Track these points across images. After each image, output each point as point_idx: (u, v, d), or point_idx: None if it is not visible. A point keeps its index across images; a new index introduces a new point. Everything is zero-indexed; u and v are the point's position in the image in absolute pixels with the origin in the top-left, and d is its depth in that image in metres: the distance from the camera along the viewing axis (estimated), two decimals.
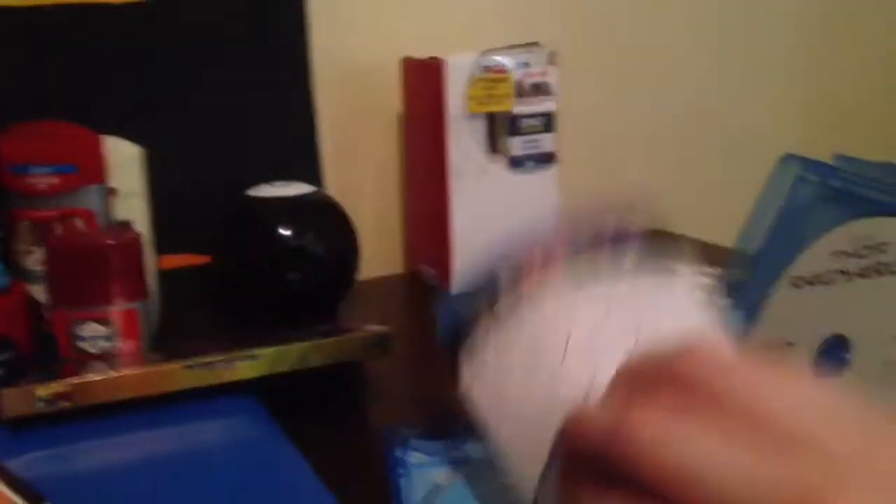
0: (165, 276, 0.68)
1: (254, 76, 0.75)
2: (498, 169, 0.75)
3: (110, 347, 0.54)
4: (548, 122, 0.76)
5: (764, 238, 0.44)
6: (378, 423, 0.50)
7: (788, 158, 0.44)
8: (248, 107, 0.76)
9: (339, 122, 0.83)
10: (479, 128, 0.74)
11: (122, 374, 0.44)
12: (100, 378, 0.44)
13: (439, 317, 0.31)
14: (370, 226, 0.86)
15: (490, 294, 0.29)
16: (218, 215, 0.68)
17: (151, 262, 0.64)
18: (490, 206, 0.76)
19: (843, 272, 0.38)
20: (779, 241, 0.42)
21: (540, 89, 0.75)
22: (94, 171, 0.58)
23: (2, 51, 0.65)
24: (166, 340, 0.62)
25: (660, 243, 0.31)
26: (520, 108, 0.75)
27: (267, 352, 0.47)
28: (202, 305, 0.74)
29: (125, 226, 0.62)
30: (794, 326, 0.40)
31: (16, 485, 0.35)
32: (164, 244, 0.69)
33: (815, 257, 0.40)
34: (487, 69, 0.73)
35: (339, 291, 0.69)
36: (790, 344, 0.39)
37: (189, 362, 0.46)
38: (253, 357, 0.47)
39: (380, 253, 0.87)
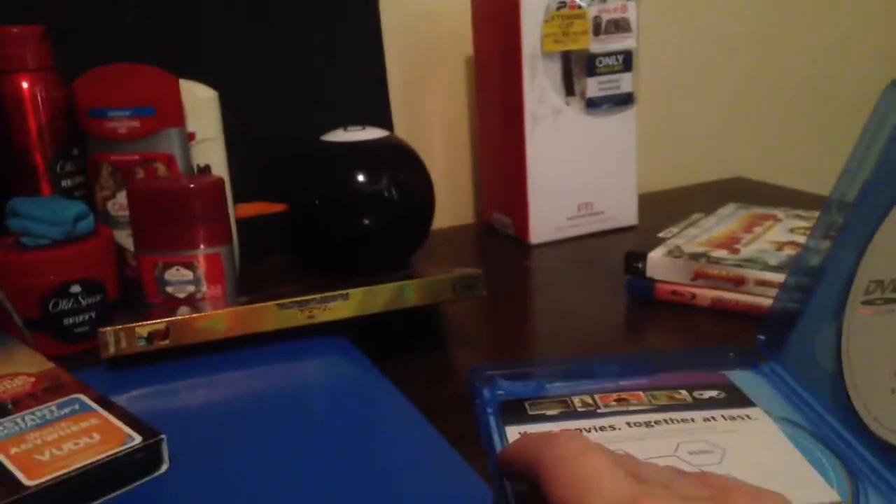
0: (241, 224, 0.68)
1: (322, 20, 0.74)
2: (575, 111, 0.73)
3: (196, 292, 0.54)
4: (626, 62, 0.73)
5: (872, 168, 0.41)
6: (461, 365, 0.50)
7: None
8: (317, 52, 0.74)
9: (408, 65, 0.81)
10: (555, 68, 0.71)
11: (218, 312, 0.43)
12: (197, 316, 0.43)
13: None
14: (440, 173, 0.84)
15: None
16: (291, 162, 0.68)
17: (231, 208, 0.64)
18: (567, 151, 0.73)
19: None
20: (888, 169, 0.39)
21: (618, 26, 0.72)
22: (172, 114, 0.57)
23: None
24: (249, 287, 0.61)
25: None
26: (597, 47, 0.72)
27: (360, 291, 0.46)
28: (277, 254, 0.73)
29: (205, 170, 0.61)
30: None
31: (128, 419, 0.35)
32: (239, 192, 0.68)
33: None
34: (563, 5, 0.70)
35: (415, 239, 0.67)
36: None
37: (282, 301, 0.45)
38: (345, 297, 0.46)
39: (450, 201, 0.85)
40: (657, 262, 0.57)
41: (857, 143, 0.41)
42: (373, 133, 0.66)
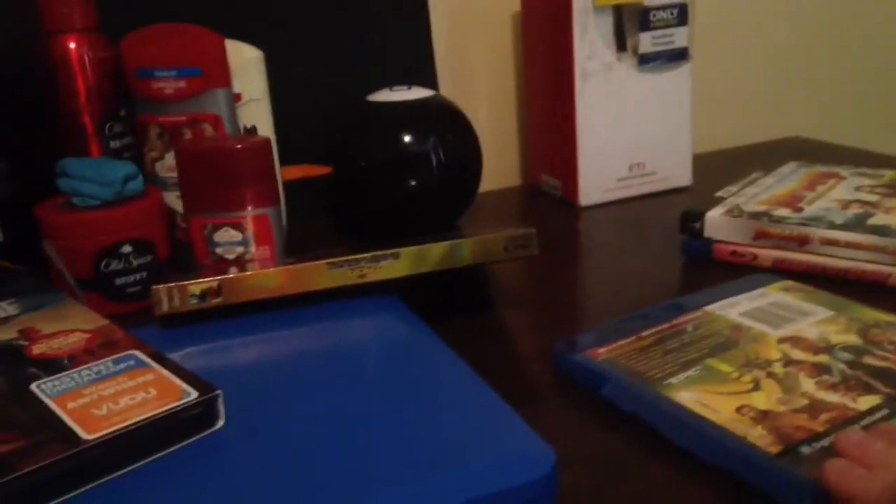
0: (286, 187, 0.67)
1: None
2: (627, 68, 0.70)
3: (245, 253, 0.54)
4: (681, 15, 0.70)
5: None
6: (512, 327, 0.49)
7: None
8: (361, 11, 0.73)
9: (453, 23, 0.79)
10: (606, 23, 0.69)
11: (270, 270, 0.43)
12: (249, 274, 0.42)
13: None
14: (486, 134, 0.83)
15: None
16: (337, 123, 0.67)
17: (278, 169, 0.63)
18: (619, 109, 0.71)
19: None
20: None
21: None
22: (218, 74, 0.57)
23: None
24: (295, 250, 0.61)
25: None
26: (651, 0, 0.69)
27: (411, 250, 0.45)
28: (324, 217, 0.73)
29: (252, 131, 0.61)
30: None
31: (184, 375, 0.35)
32: (285, 154, 0.68)
33: None
34: None
35: (463, 201, 0.66)
36: None
37: (332, 261, 0.44)
38: (396, 256, 0.45)
39: (497, 163, 0.84)
40: (716, 222, 0.55)
41: None
42: (419, 93, 0.65)
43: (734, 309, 0.44)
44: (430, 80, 0.76)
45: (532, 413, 0.39)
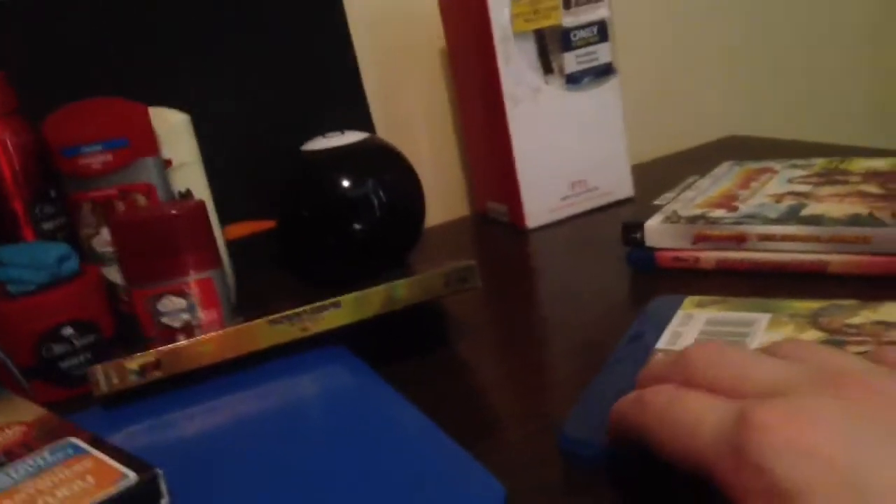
0: (231, 246, 0.67)
1: (288, 28, 0.73)
2: (555, 89, 0.71)
3: (192, 319, 0.53)
4: (601, 31, 0.71)
5: None
6: (467, 360, 0.48)
7: None
8: (286, 61, 0.73)
9: (381, 64, 0.79)
10: (529, 48, 0.70)
11: (208, 336, 0.42)
12: (187, 343, 0.42)
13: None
14: (429, 168, 0.83)
15: None
16: (274, 176, 0.66)
17: (217, 230, 0.63)
18: (553, 130, 0.72)
19: None
20: None
21: None
22: (145, 142, 0.56)
23: (28, 30, 0.64)
24: (245, 308, 0.60)
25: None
26: (570, 20, 0.70)
27: (350, 297, 0.45)
28: (273, 271, 0.72)
29: (187, 195, 0.60)
30: None
31: (122, 457, 0.34)
32: (226, 214, 0.67)
33: None
34: None
35: (409, 238, 0.66)
36: None
37: (273, 317, 0.44)
38: (336, 305, 0.45)
39: (444, 195, 0.84)
40: (655, 230, 0.56)
41: None
42: (353, 137, 0.65)
43: (684, 341, 0.42)
44: (364, 123, 0.77)
45: (491, 447, 0.38)
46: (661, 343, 0.42)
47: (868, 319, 0.40)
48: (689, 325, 0.43)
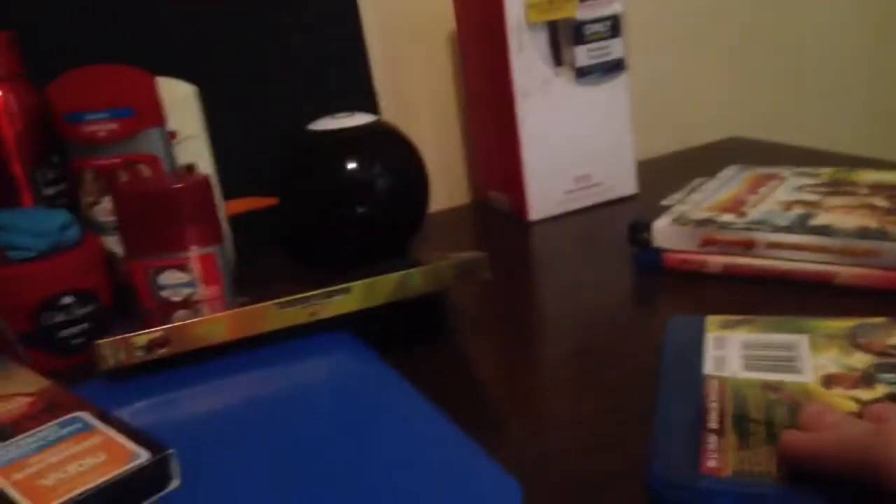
0: (232, 222, 0.66)
1: (299, 7, 0.71)
2: (565, 82, 0.71)
3: (192, 294, 0.52)
4: (614, 27, 0.71)
5: None
6: (469, 352, 0.48)
7: None
8: (297, 40, 0.72)
9: (391, 47, 0.78)
10: (541, 38, 0.69)
11: (216, 315, 0.42)
12: (196, 321, 0.41)
13: None
14: (433, 154, 0.82)
15: None
16: (279, 154, 0.66)
17: (220, 206, 0.62)
18: (560, 123, 0.72)
19: None
20: None
21: None
22: (151, 113, 0.55)
23: None
24: (245, 286, 0.59)
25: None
26: (584, 14, 0.70)
27: (361, 284, 0.45)
28: (273, 249, 0.72)
29: (190, 169, 0.59)
30: None
31: (133, 434, 0.33)
32: (228, 189, 0.67)
33: None
34: None
35: (412, 225, 0.66)
36: None
37: (282, 300, 0.43)
38: (347, 291, 0.44)
39: (446, 182, 0.84)
40: (664, 231, 0.56)
41: None
42: (360, 119, 0.64)
43: (731, 366, 0.40)
44: (371, 106, 0.76)
45: (499, 442, 0.38)
46: (708, 369, 0.40)
47: None
48: (726, 349, 0.41)
